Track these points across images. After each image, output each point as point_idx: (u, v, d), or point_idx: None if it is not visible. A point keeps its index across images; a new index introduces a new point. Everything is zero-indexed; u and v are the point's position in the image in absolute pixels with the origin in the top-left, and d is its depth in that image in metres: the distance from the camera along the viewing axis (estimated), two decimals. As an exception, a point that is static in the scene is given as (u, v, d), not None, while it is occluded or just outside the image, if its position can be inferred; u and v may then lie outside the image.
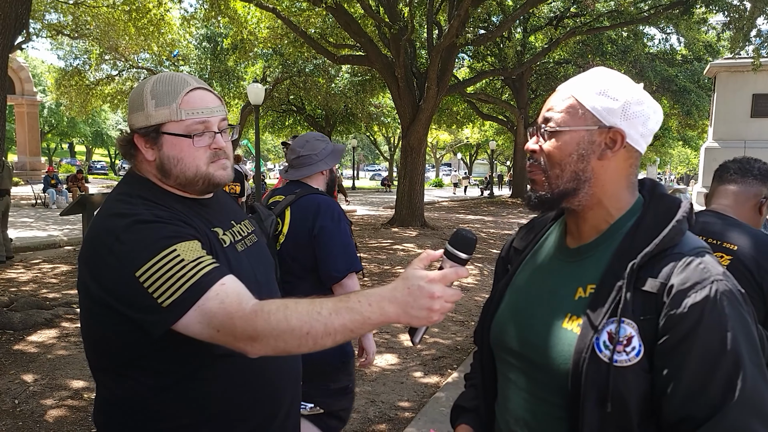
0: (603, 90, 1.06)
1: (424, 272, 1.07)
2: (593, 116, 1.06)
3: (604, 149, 1.06)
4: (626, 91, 1.06)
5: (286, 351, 1.15)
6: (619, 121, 1.05)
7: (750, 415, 0.91)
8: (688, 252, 1.00)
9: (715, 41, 18.87)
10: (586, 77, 1.10)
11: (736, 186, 2.02)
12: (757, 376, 0.93)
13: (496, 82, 23.03)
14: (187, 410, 1.32)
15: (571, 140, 1.07)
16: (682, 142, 32.87)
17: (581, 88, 1.08)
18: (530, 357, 1.11)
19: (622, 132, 1.05)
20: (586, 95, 1.06)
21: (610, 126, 1.05)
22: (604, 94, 1.05)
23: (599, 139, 1.06)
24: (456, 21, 12.00)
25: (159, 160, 1.34)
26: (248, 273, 1.37)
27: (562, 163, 1.08)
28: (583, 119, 1.06)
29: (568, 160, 1.07)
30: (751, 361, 0.93)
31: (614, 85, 1.06)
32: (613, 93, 1.05)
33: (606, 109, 1.05)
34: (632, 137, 1.06)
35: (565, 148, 1.07)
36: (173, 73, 1.37)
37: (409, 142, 14.05)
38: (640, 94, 1.07)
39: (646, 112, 1.06)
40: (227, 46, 19.42)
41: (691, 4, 12.91)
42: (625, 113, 1.05)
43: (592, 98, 1.06)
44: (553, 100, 1.12)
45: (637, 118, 1.06)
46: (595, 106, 1.05)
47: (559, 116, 1.08)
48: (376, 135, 40.44)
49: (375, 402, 4.04)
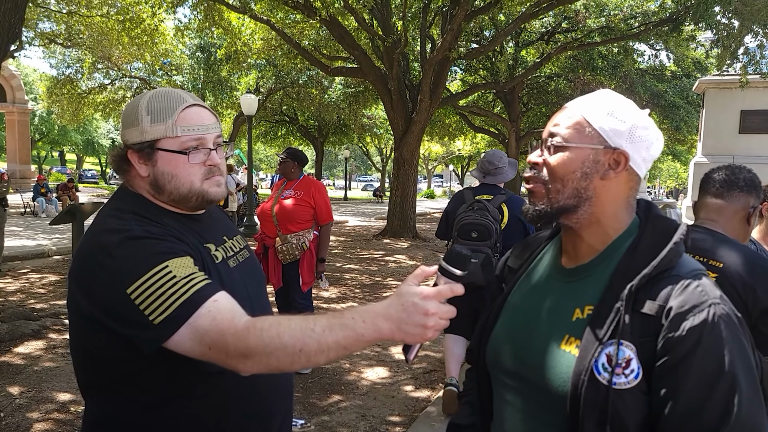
0: (611, 111, 1.07)
1: (418, 288, 1.06)
2: (600, 136, 1.06)
3: (607, 169, 1.07)
4: (633, 115, 1.08)
5: (279, 368, 1.14)
6: (624, 143, 1.06)
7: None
8: (685, 275, 1.01)
9: (704, 58, 19.08)
10: (595, 97, 1.11)
11: (722, 200, 2.02)
12: (753, 400, 0.94)
13: (488, 95, 23.15)
14: (177, 428, 1.30)
15: (576, 157, 1.07)
16: (672, 157, 33.14)
17: (590, 107, 1.09)
18: (528, 378, 1.10)
19: (626, 154, 1.06)
20: (594, 115, 1.07)
21: (616, 147, 1.06)
22: (613, 116, 1.06)
23: (604, 159, 1.07)
24: (449, 35, 12.09)
25: (153, 176, 1.34)
26: (240, 289, 1.37)
27: (564, 179, 1.08)
28: (590, 138, 1.07)
29: (571, 177, 1.07)
30: (748, 385, 0.94)
31: (622, 107, 1.08)
32: (621, 115, 1.07)
33: (613, 131, 1.06)
34: (635, 161, 1.07)
35: (570, 164, 1.07)
36: (169, 89, 1.38)
37: (401, 154, 14.09)
38: (646, 119, 1.09)
39: (650, 138, 1.08)
40: (221, 56, 19.42)
41: (680, 22, 13.09)
42: (631, 136, 1.06)
43: (600, 118, 1.07)
44: (560, 116, 1.12)
45: (642, 143, 1.07)
46: (603, 126, 1.06)
47: (566, 132, 1.09)
48: (368, 146, 40.48)
49: (365, 416, 4.02)
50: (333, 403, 4.22)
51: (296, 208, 4.62)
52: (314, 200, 4.64)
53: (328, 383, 4.62)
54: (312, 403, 4.21)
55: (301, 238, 4.60)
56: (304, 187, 4.69)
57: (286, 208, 4.63)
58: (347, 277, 9.08)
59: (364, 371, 4.94)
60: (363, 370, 4.97)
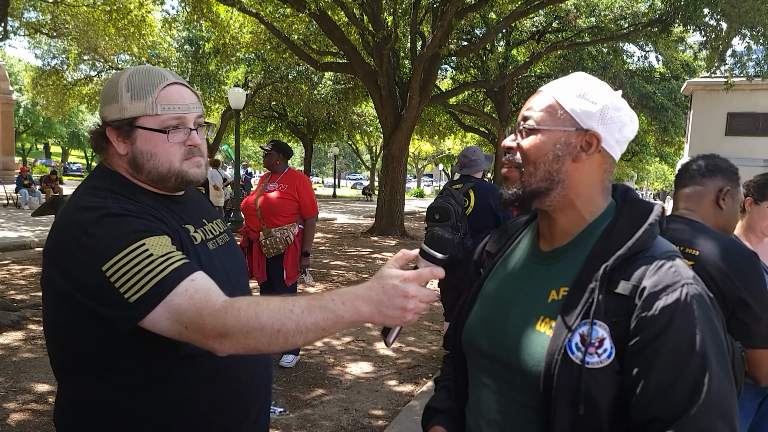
0: (583, 93, 1.07)
1: (399, 271, 1.06)
2: (571, 118, 1.06)
3: (579, 151, 1.07)
4: (605, 96, 1.07)
5: (257, 349, 1.12)
6: (596, 125, 1.06)
7: (715, 417, 0.92)
8: (659, 255, 1.02)
9: (692, 60, 19.21)
10: (567, 80, 1.11)
11: (689, 188, 2.07)
12: (723, 379, 0.94)
13: (478, 95, 23.18)
14: (155, 411, 1.28)
15: (549, 140, 1.07)
16: (659, 158, 33.38)
17: (562, 90, 1.09)
18: (503, 359, 1.10)
19: (598, 135, 1.06)
20: (566, 97, 1.07)
21: (587, 129, 1.06)
22: (584, 97, 1.06)
23: (575, 140, 1.07)
24: (439, 32, 12.07)
25: (131, 154, 1.32)
26: (219, 271, 1.35)
27: (536, 162, 1.08)
28: (561, 120, 1.07)
29: (544, 159, 1.07)
30: (718, 365, 0.94)
31: (594, 89, 1.07)
32: (592, 97, 1.06)
33: (584, 112, 1.06)
34: (608, 142, 1.07)
35: (542, 146, 1.07)
36: (150, 67, 1.35)
37: (390, 151, 14.07)
38: (618, 100, 1.08)
39: (623, 119, 1.08)
40: (209, 49, 19.22)
41: (669, 23, 13.15)
42: (602, 117, 1.06)
43: (571, 100, 1.07)
44: (533, 100, 1.12)
45: (614, 124, 1.07)
46: (574, 108, 1.06)
47: (538, 115, 1.09)
48: (358, 144, 40.39)
49: (348, 410, 3.99)
50: (316, 397, 4.19)
51: (280, 201, 4.57)
52: (298, 193, 4.60)
53: (311, 377, 4.59)
54: (295, 396, 4.17)
55: (285, 232, 4.55)
56: (289, 180, 4.64)
57: (270, 202, 4.58)
58: (334, 274, 9.05)
59: (348, 365, 4.91)
60: (347, 364, 4.94)
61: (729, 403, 0.94)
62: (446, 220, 4.17)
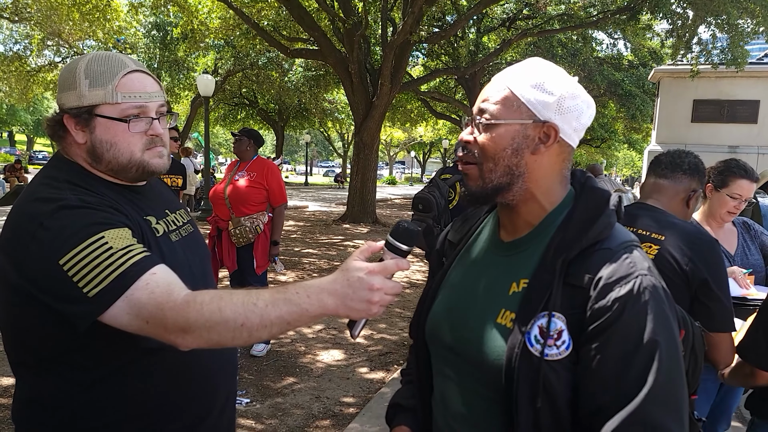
0: (539, 83, 1.04)
1: (364, 264, 1.05)
2: (528, 110, 1.04)
3: (537, 144, 1.05)
4: (561, 85, 1.05)
5: (220, 343, 1.10)
6: (553, 116, 1.03)
7: (661, 408, 0.91)
8: (616, 247, 1.01)
9: (660, 48, 19.52)
10: (522, 69, 1.08)
11: (666, 180, 2.12)
12: (672, 369, 0.93)
13: (449, 82, 23.19)
14: (115, 407, 1.26)
15: (506, 134, 1.05)
16: (628, 145, 33.96)
17: (517, 79, 1.06)
18: (465, 352, 1.09)
19: (555, 127, 1.04)
20: (521, 87, 1.05)
21: (545, 120, 1.04)
22: (540, 88, 1.04)
23: (533, 133, 1.04)
24: (410, 18, 12.02)
25: (90, 143, 1.28)
26: (183, 264, 1.32)
27: (495, 157, 1.06)
28: (518, 112, 1.04)
29: (502, 155, 1.05)
30: (669, 356, 0.93)
31: (550, 78, 1.05)
32: (548, 86, 1.04)
33: (541, 103, 1.03)
34: (565, 132, 1.05)
35: (500, 141, 1.05)
36: (110, 53, 1.31)
37: (362, 139, 14.02)
38: (574, 88, 1.06)
39: (580, 107, 1.05)
40: (177, 35, 18.85)
41: (638, 11, 13.31)
42: (559, 108, 1.03)
43: (527, 91, 1.04)
44: (488, 90, 1.10)
45: (571, 113, 1.04)
46: (531, 99, 1.04)
47: (494, 108, 1.06)
48: (329, 131, 40.17)
49: (320, 398, 4.00)
50: (287, 386, 4.19)
51: (249, 189, 4.52)
52: (267, 181, 4.56)
53: (282, 366, 4.58)
54: (266, 385, 4.16)
55: (254, 221, 4.51)
56: (257, 168, 4.59)
57: (238, 190, 4.53)
58: (305, 262, 9.02)
59: (319, 354, 4.91)
60: (318, 352, 4.94)
61: (678, 393, 0.94)
62: (428, 211, 4.15)
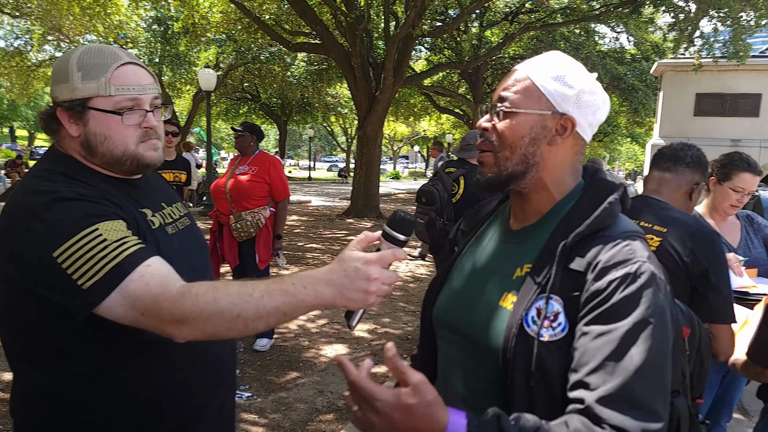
0: (559, 76, 1.07)
1: (361, 254, 1.05)
2: (548, 101, 1.07)
3: (554, 135, 1.08)
4: (581, 79, 1.08)
5: (216, 335, 1.11)
6: (571, 109, 1.07)
7: (648, 387, 0.92)
8: (617, 235, 1.03)
9: (662, 42, 19.44)
10: (544, 60, 1.10)
11: (669, 174, 2.14)
12: (662, 354, 0.95)
13: (452, 76, 23.14)
14: (114, 400, 1.26)
15: (525, 122, 1.07)
16: (630, 139, 33.88)
17: (538, 70, 1.09)
18: (469, 335, 1.12)
19: (573, 120, 1.07)
20: (543, 79, 1.07)
21: (563, 113, 1.07)
22: (561, 81, 1.07)
23: (551, 124, 1.07)
24: (412, 12, 11.97)
25: (84, 136, 1.28)
26: (179, 256, 1.32)
27: (513, 145, 1.08)
28: (538, 103, 1.07)
29: (520, 143, 1.08)
30: (659, 339, 0.94)
31: (570, 72, 1.08)
32: (569, 80, 1.07)
33: (561, 96, 1.06)
34: (581, 126, 1.08)
35: (519, 129, 1.08)
36: (103, 45, 1.31)
37: (365, 133, 13.99)
38: (593, 83, 1.09)
39: (597, 103, 1.09)
40: (178, 29, 18.77)
41: (640, 4, 13.27)
42: (578, 102, 1.07)
43: (548, 82, 1.07)
44: (509, 80, 1.12)
45: (589, 108, 1.08)
46: (551, 91, 1.07)
47: (515, 97, 1.09)
48: (333, 125, 40.10)
49: (323, 392, 4.01)
50: (290, 380, 4.20)
51: (251, 184, 4.51)
52: (269, 176, 4.55)
53: (286, 360, 4.59)
54: (269, 380, 4.17)
55: (256, 215, 4.51)
56: (259, 162, 4.58)
57: (240, 184, 4.52)
58: (309, 257, 9.02)
59: (323, 348, 4.92)
60: (322, 347, 4.95)
61: (665, 376, 0.95)
62: (431, 204, 4.19)
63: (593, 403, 0.91)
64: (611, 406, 0.90)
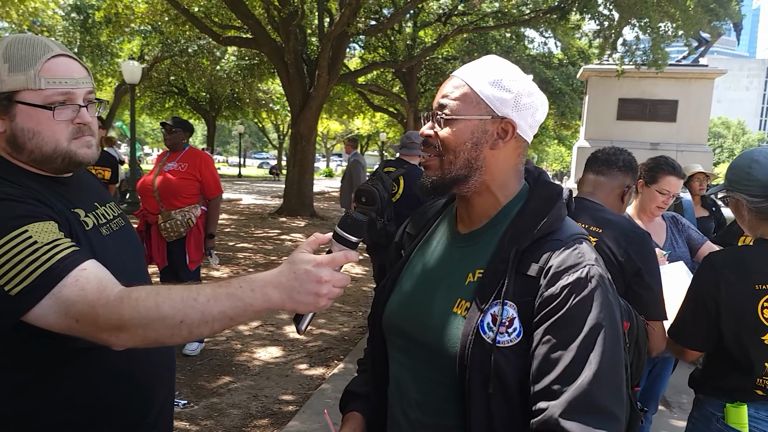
0: (496, 80, 1.08)
1: (311, 256, 1.03)
2: (487, 106, 1.08)
3: (496, 139, 1.09)
4: (518, 83, 1.09)
5: (157, 342, 1.05)
6: (511, 112, 1.08)
7: (604, 390, 0.95)
8: (566, 239, 1.06)
9: (588, 48, 20.29)
10: (480, 66, 1.12)
11: (602, 177, 2.24)
12: (615, 355, 0.98)
13: (387, 74, 23.25)
14: (45, 411, 1.19)
15: (466, 128, 1.09)
16: (557, 141, 35.20)
17: (475, 76, 1.10)
18: (421, 340, 1.12)
19: (513, 123, 1.08)
20: (480, 84, 1.08)
21: (503, 116, 1.08)
22: (498, 85, 1.08)
23: (492, 128, 1.09)
24: (347, 9, 11.92)
25: (10, 132, 1.21)
26: (115, 259, 1.25)
27: (456, 150, 1.10)
28: (477, 108, 1.08)
29: (463, 148, 1.09)
30: (611, 341, 0.98)
31: (507, 75, 1.09)
32: (506, 84, 1.08)
33: (499, 100, 1.07)
34: (522, 128, 1.10)
35: (460, 135, 1.09)
36: (33, 36, 1.24)
37: (299, 130, 13.82)
38: (530, 85, 1.11)
39: (535, 104, 1.11)
40: (99, 19, 17.83)
41: (567, 11, 13.79)
42: (516, 105, 1.08)
43: (486, 88, 1.08)
44: (447, 86, 1.13)
45: (527, 110, 1.09)
46: (489, 96, 1.08)
47: (454, 104, 1.10)
48: (264, 122, 39.39)
49: (257, 396, 3.89)
50: (223, 385, 4.05)
51: (181, 181, 4.32)
52: (200, 173, 4.37)
53: (217, 364, 4.43)
54: (200, 385, 4.01)
55: (186, 214, 4.32)
56: (189, 158, 4.39)
57: (169, 182, 4.32)
58: (240, 257, 8.79)
59: (257, 351, 4.78)
60: (255, 350, 4.81)
61: (619, 377, 0.99)
62: (372, 204, 4.18)
63: (556, 415, 0.94)
64: (573, 417, 0.93)
